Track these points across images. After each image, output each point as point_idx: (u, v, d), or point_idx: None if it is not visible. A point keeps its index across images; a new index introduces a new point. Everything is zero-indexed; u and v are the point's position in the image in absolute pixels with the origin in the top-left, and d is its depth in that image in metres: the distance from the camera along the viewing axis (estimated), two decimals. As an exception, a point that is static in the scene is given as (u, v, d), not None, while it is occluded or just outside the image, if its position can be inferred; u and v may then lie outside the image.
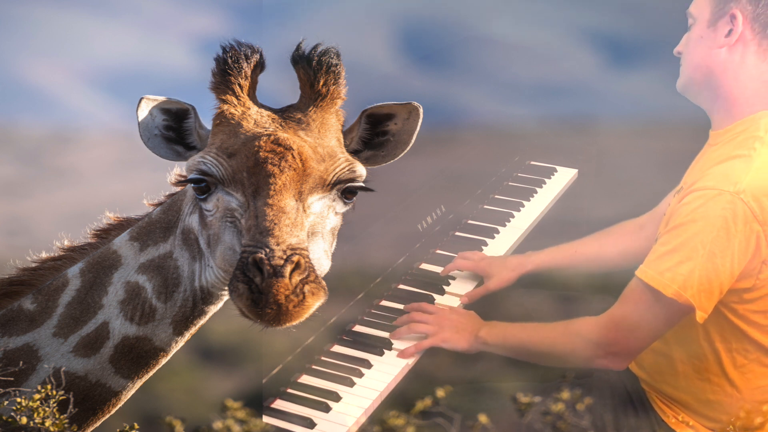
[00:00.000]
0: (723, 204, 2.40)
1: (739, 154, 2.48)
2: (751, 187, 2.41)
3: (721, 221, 2.40)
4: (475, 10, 3.64)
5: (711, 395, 2.56)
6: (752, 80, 2.55)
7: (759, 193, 2.42)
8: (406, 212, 3.15)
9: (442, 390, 1.58)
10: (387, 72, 3.37)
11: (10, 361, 1.83)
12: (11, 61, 2.73)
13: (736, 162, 2.47)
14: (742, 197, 2.40)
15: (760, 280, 2.44)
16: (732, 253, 2.40)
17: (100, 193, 2.82)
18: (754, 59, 2.55)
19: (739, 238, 2.40)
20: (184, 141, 1.80)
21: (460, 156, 3.47)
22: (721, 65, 2.56)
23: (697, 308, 2.41)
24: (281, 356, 2.59)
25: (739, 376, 2.53)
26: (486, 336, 2.69)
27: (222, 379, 2.73)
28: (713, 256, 2.40)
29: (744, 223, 2.40)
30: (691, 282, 2.41)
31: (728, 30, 2.54)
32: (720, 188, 2.42)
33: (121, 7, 2.83)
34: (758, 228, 2.41)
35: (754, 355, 2.52)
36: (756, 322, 2.49)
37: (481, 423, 1.55)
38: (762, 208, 2.41)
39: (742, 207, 2.40)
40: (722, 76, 2.57)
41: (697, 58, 2.59)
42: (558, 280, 3.38)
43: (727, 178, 2.43)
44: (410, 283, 3.04)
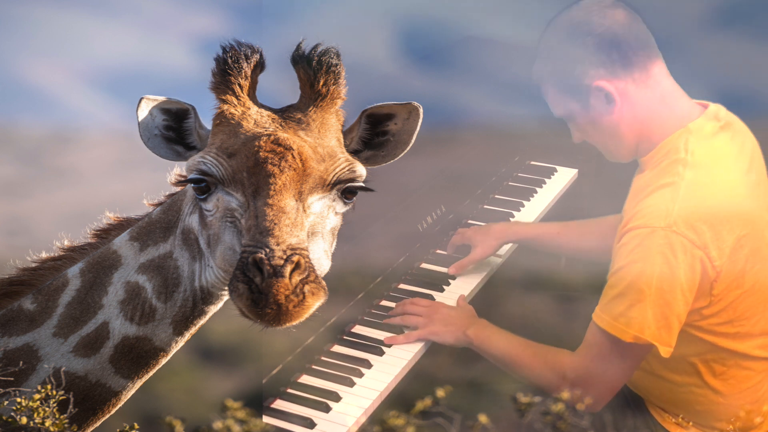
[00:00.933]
0: (658, 241, 2.37)
1: (665, 183, 2.45)
2: (683, 215, 2.38)
3: (661, 258, 2.37)
4: (475, 10, 3.64)
5: (698, 406, 2.55)
6: (651, 109, 2.54)
7: (692, 220, 2.38)
8: (406, 212, 3.15)
9: (442, 390, 1.57)
10: (387, 72, 3.37)
11: (10, 361, 1.83)
12: (11, 61, 2.73)
13: (664, 192, 2.43)
14: (675, 230, 2.37)
15: (714, 296, 2.42)
16: (680, 285, 2.37)
17: (100, 193, 2.82)
18: (639, 93, 2.54)
19: (683, 268, 2.37)
20: (184, 141, 1.80)
21: (460, 156, 3.47)
22: (624, 123, 2.55)
23: (660, 345, 2.39)
24: (281, 356, 2.59)
25: (721, 383, 2.52)
26: (472, 336, 2.69)
27: (222, 379, 2.73)
28: (662, 292, 2.37)
29: (683, 253, 2.37)
30: (647, 323, 2.38)
31: (604, 98, 2.53)
32: (652, 225, 2.39)
33: (121, 7, 2.83)
34: (699, 253, 2.38)
35: (731, 361, 2.50)
36: (724, 332, 2.48)
37: (481, 423, 1.55)
38: (698, 233, 2.38)
39: (678, 239, 2.37)
40: (630, 129, 2.55)
41: (602, 136, 2.60)
42: (558, 280, 3.38)
43: (658, 212, 2.40)
44: (410, 282, 3.04)
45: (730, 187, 2.46)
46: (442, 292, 3.00)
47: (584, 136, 2.65)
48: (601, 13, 2.52)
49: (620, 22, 2.52)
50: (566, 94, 2.58)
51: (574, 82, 2.55)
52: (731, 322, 2.46)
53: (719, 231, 2.39)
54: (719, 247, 2.39)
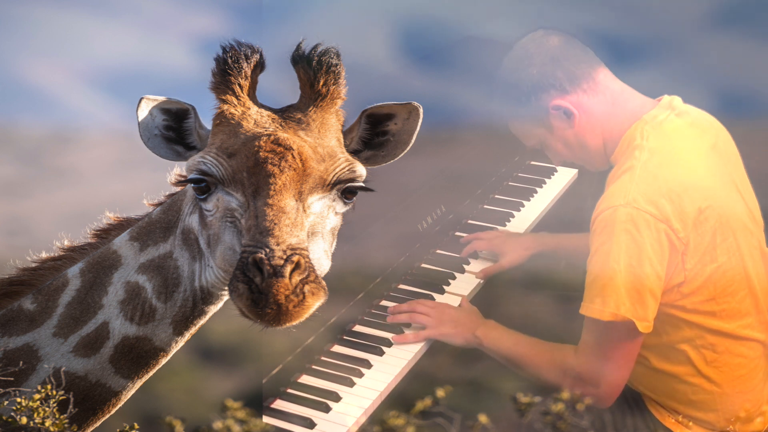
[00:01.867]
0: (621, 218, 2.47)
1: (624, 169, 2.56)
2: (641, 192, 2.48)
3: (624, 234, 2.46)
4: (475, 10, 3.64)
5: (693, 396, 2.58)
6: (606, 112, 2.67)
7: (651, 195, 2.48)
8: (406, 212, 3.15)
9: (442, 390, 1.57)
10: (387, 72, 3.37)
11: (10, 361, 1.83)
12: (11, 61, 2.73)
13: (624, 176, 2.54)
14: (635, 206, 2.47)
15: (688, 270, 2.49)
16: (648, 259, 2.45)
17: (100, 193, 2.82)
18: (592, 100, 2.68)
19: (648, 242, 2.45)
20: (184, 141, 1.80)
21: (460, 156, 3.47)
22: (587, 134, 2.69)
23: (636, 320, 2.46)
24: (281, 356, 2.59)
25: (714, 371, 2.56)
26: (482, 337, 2.73)
27: (222, 379, 2.73)
28: (631, 268, 2.45)
29: (647, 227, 2.46)
30: (620, 300, 2.45)
31: (562, 115, 2.69)
32: (613, 205, 2.49)
33: (121, 7, 2.83)
34: (663, 226, 2.46)
35: (722, 347, 2.55)
36: (708, 311, 2.53)
37: (481, 423, 1.55)
38: (658, 207, 2.47)
39: (640, 214, 2.46)
40: (594, 136, 2.69)
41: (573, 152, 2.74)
42: (558, 280, 3.38)
43: (618, 193, 2.51)
44: (410, 282, 3.04)
45: (688, 165, 2.56)
46: (442, 293, 3.00)
47: (561, 157, 2.79)
48: (536, 44, 2.71)
49: (555, 45, 2.70)
50: (530, 124, 2.74)
51: (533, 111, 2.70)
52: (714, 299, 2.53)
53: (679, 204, 2.48)
54: (681, 219, 2.47)
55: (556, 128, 2.70)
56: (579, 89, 2.67)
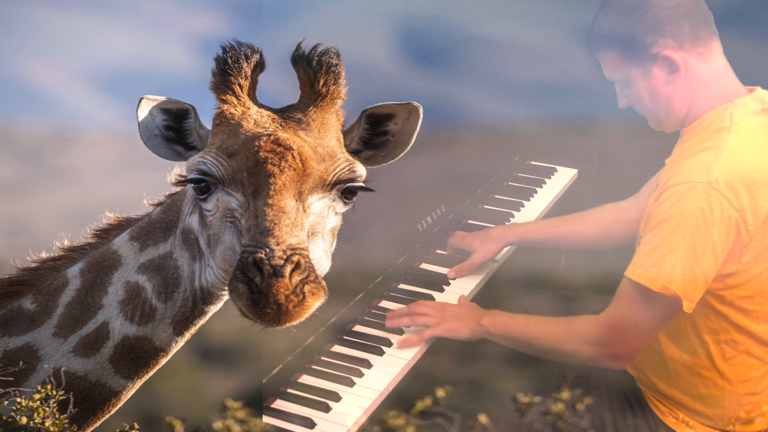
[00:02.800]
0: (698, 196, 2.45)
1: (707, 146, 2.53)
2: (724, 175, 2.45)
3: (698, 212, 2.44)
4: (475, 10, 3.64)
5: (703, 389, 2.58)
6: (705, 83, 2.62)
7: (732, 181, 2.45)
8: (406, 212, 3.15)
9: (442, 390, 1.57)
10: (387, 72, 3.37)
11: (10, 361, 1.83)
12: (11, 61, 2.73)
13: (706, 153, 2.51)
14: (715, 186, 2.44)
15: (741, 264, 2.49)
16: (713, 242, 2.44)
17: (100, 193, 2.82)
18: (699, 67, 2.62)
19: (718, 226, 2.44)
20: (184, 141, 1.80)
21: (460, 156, 3.47)
22: (678, 94, 2.63)
23: (684, 299, 2.45)
24: (281, 356, 2.59)
25: (729, 368, 2.56)
26: (489, 324, 2.71)
27: (222, 379, 2.73)
28: (694, 246, 2.44)
29: (720, 211, 2.44)
30: (675, 274, 2.44)
31: (667, 68, 2.61)
32: (693, 180, 2.46)
33: (121, 7, 2.83)
34: (735, 215, 2.44)
35: (743, 346, 2.55)
36: (743, 307, 2.53)
37: (481, 423, 1.55)
38: (737, 195, 2.45)
39: (717, 196, 2.44)
40: (683, 100, 2.63)
41: (655, 104, 2.67)
42: (558, 280, 3.38)
43: (699, 170, 2.47)
44: (410, 282, 3.04)
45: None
46: (442, 293, 3.00)
47: (632, 102, 2.70)
48: None
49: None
50: (629, 60, 2.64)
51: (641, 49, 2.61)
52: (752, 297, 2.53)
53: (756, 196, 2.46)
54: (755, 212, 2.45)
55: (654, 77, 2.62)
56: (694, 51, 2.60)
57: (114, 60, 2.80)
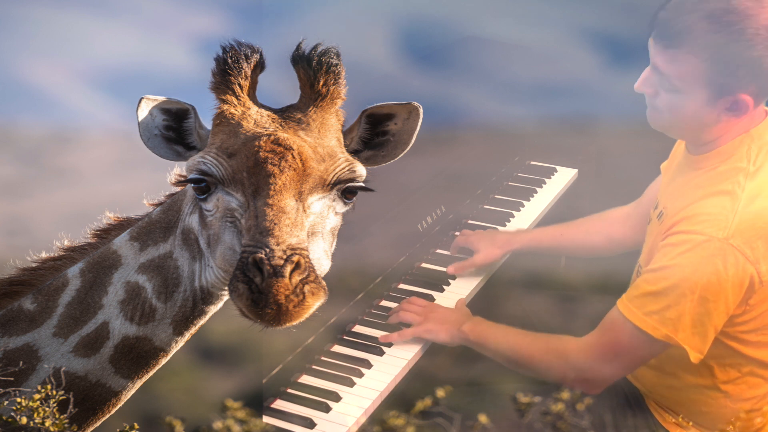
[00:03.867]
0: (712, 251, 2.32)
1: (723, 190, 2.39)
2: (741, 229, 2.33)
3: (712, 268, 2.32)
4: (476, 10, 3.64)
5: (704, 407, 2.54)
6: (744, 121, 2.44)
7: (749, 235, 2.33)
8: (406, 212, 3.15)
9: (442, 390, 1.58)
10: (387, 72, 3.37)
11: (10, 361, 1.83)
12: (11, 61, 2.73)
13: (722, 200, 2.37)
14: (731, 242, 2.32)
15: (749, 305, 2.40)
16: (725, 297, 2.34)
17: (100, 193, 2.82)
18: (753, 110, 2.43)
19: (732, 281, 2.33)
20: (184, 141, 1.80)
21: (460, 156, 3.47)
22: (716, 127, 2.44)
23: (692, 350, 2.36)
24: (281, 356, 2.59)
25: (732, 387, 2.51)
26: (468, 332, 2.68)
27: (222, 379, 2.73)
28: (705, 301, 2.34)
29: (735, 267, 2.33)
30: (682, 326, 2.35)
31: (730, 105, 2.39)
32: (708, 234, 2.33)
33: (121, 7, 2.83)
34: (751, 269, 2.34)
35: (747, 368, 2.49)
36: (748, 340, 2.46)
37: (481, 423, 1.55)
38: (753, 249, 2.33)
39: (733, 252, 2.32)
40: (715, 132, 2.45)
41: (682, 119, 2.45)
42: (558, 280, 3.38)
43: (715, 221, 2.34)
44: (410, 282, 3.04)
45: None
46: (442, 292, 3.00)
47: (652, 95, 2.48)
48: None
49: None
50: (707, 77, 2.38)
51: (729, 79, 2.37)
52: (757, 330, 2.45)
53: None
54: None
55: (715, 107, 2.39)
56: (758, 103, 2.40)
57: (114, 60, 2.80)
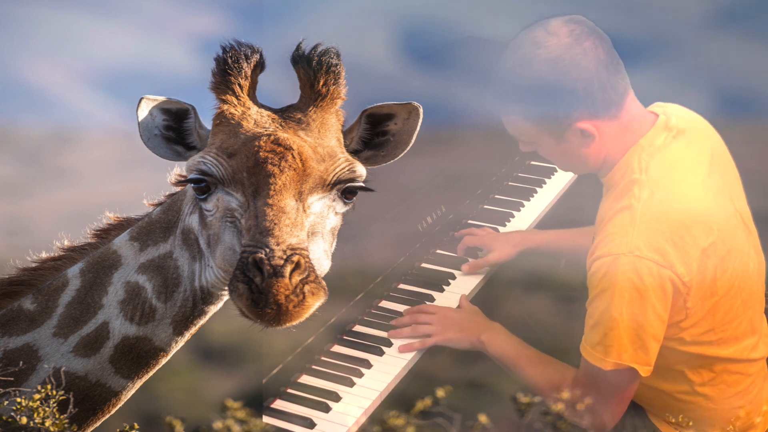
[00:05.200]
0: (623, 268, 2.35)
1: (623, 206, 2.41)
2: (644, 239, 2.35)
3: (628, 284, 2.35)
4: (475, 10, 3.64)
5: (690, 413, 2.54)
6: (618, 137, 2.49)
7: (655, 241, 2.35)
8: (406, 212, 3.15)
9: (442, 390, 1.58)
10: (387, 72, 3.37)
11: (10, 361, 1.83)
12: (11, 61, 2.73)
13: (623, 216, 2.40)
14: (637, 254, 2.34)
15: (689, 308, 2.40)
16: (652, 306, 2.36)
17: (100, 193, 2.82)
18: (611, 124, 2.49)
19: (652, 288, 2.35)
20: (184, 141, 1.80)
21: (460, 156, 3.47)
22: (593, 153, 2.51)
23: (639, 366, 2.38)
24: (281, 356, 2.59)
25: (711, 389, 2.51)
26: (487, 343, 2.70)
27: (222, 379, 2.73)
28: (634, 316, 2.36)
29: (650, 276, 2.34)
30: (623, 348, 2.37)
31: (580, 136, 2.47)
32: (614, 253, 2.36)
33: (121, 7, 2.83)
34: (667, 272, 2.35)
35: (719, 366, 2.49)
36: (707, 341, 2.46)
37: (481, 423, 1.55)
38: (663, 254, 2.35)
39: (643, 263, 2.34)
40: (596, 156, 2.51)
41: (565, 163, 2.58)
42: (558, 280, 3.38)
43: (619, 238, 2.37)
44: (410, 282, 3.04)
45: (690, 198, 2.43)
46: (442, 293, 3.00)
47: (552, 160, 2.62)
48: (581, 48, 2.45)
49: (601, 58, 2.45)
50: (541, 128, 2.51)
51: (553, 120, 2.49)
52: (713, 329, 2.45)
53: (683, 247, 2.36)
54: (686, 263, 2.36)
55: (567, 142, 2.49)
56: (607, 116, 2.47)
57: (114, 60, 2.80)
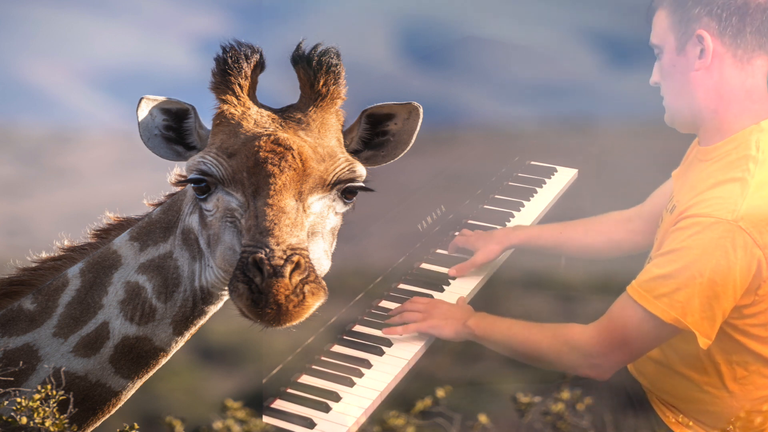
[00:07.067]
0: (721, 233, 2.36)
1: (733, 177, 2.42)
2: (749, 213, 2.36)
3: (721, 250, 2.35)
4: (475, 10, 3.64)
5: (710, 407, 2.54)
6: (736, 93, 2.49)
7: (757, 218, 2.36)
8: (406, 212, 3.15)
9: (442, 390, 1.58)
10: (387, 72, 3.37)
11: (10, 361, 1.83)
12: (11, 61, 2.73)
13: (732, 186, 2.41)
14: (740, 224, 2.35)
15: (758, 296, 2.41)
16: (734, 280, 2.36)
17: (100, 193, 2.82)
18: (733, 71, 2.49)
19: (740, 264, 2.36)
20: (184, 141, 1.80)
21: (460, 156, 3.47)
22: (703, 87, 2.50)
23: (701, 335, 2.38)
24: (281, 356, 2.59)
25: (739, 388, 2.51)
26: (473, 326, 2.69)
27: (222, 379, 2.73)
28: (713, 283, 2.36)
29: (744, 249, 2.35)
30: (691, 309, 2.37)
31: (699, 51, 2.48)
32: (717, 216, 2.37)
33: (121, 7, 2.83)
34: (759, 253, 2.37)
35: (754, 366, 2.49)
36: (756, 335, 2.47)
37: (481, 423, 1.55)
38: (761, 233, 2.36)
39: (741, 234, 2.35)
40: (706, 97, 2.51)
41: (677, 86, 2.54)
42: (558, 280, 3.38)
43: (724, 204, 2.38)
44: (410, 282, 3.04)
45: None
46: (442, 293, 3.00)
47: (660, 80, 2.57)
48: None
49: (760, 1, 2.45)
50: (672, 26, 2.51)
51: (685, 19, 2.48)
52: (766, 325, 2.46)
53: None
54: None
55: (684, 52, 2.48)
56: (732, 50, 2.46)
57: (114, 60, 2.80)
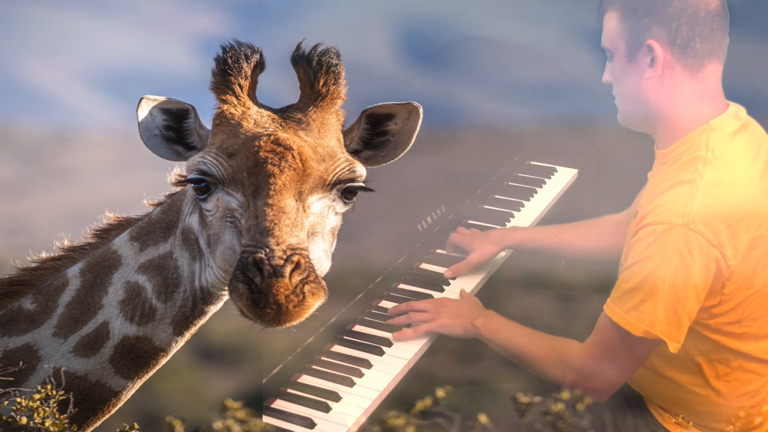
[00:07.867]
0: (675, 238, 2.38)
1: (684, 179, 2.45)
2: (701, 214, 2.38)
3: (677, 255, 2.38)
4: (475, 10, 3.64)
5: (699, 407, 2.55)
6: (686, 99, 2.52)
7: (710, 218, 2.38)
8: (406, 212, 3.16)
9: (442, 390, 1.58)
10: (387, 72, 3.37)
11: (10, 361, 1.83)
12: (11, 61, 2.73)
13: (683, 188, 2.43)
14: (692, 227, 2.38)
15: (725, 294, 2.43)
16: (694, 283, 2.39)
17: (100, 193, 2.82)
18: (684, 79, 2.51)
19: (698, 266, 2.38)
20: (184, 141, 1.80)
21: (460, 156, 3.47)
22: (654, 94, 2.53)
23: (669, 341, 2.40)
24: (281, 356, 2.59)
25: (723, 385, 2.52)
26: (481, 327, 2.70)
27: (222, 379, 2.73)
28: (675, 289, 2.38)
29: (699, 251, 2.38)
30: (657, 318, 2.39)
31: (650, 60, 2.50)
32: (670, 222, 2.39)
33: (121, 7, 2.83)
34: (715, 252, 2.39)
35: (735, 362, 2.51)
36: (731, 332, 2.48)
37: (481, 423, 1.55)
38: (715, 232, 2.38)
39: (695, 237, 2.37)
40: (657, 104, 2.54)
41: (629, 92, 2.57)
42: (558, 280, 3.38)
43: (676, 209, 2.40)
44: (410, 282, 3.04)
45: (748, 188, 2.46)
46: (442, 293, 3.00)
47: (612, 81, 2.60)
48: None
49: (710, 8, 2.48)
50: (623, 33, 2.53)
51: (636, 27, 2.50)
52: (739, 322, 2.47)
53: (735, 231, 2.40)
54: (734, 246, 2.39)
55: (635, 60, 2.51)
56: (683, 59, 2.49)
57: (114, 60, 2.80)
